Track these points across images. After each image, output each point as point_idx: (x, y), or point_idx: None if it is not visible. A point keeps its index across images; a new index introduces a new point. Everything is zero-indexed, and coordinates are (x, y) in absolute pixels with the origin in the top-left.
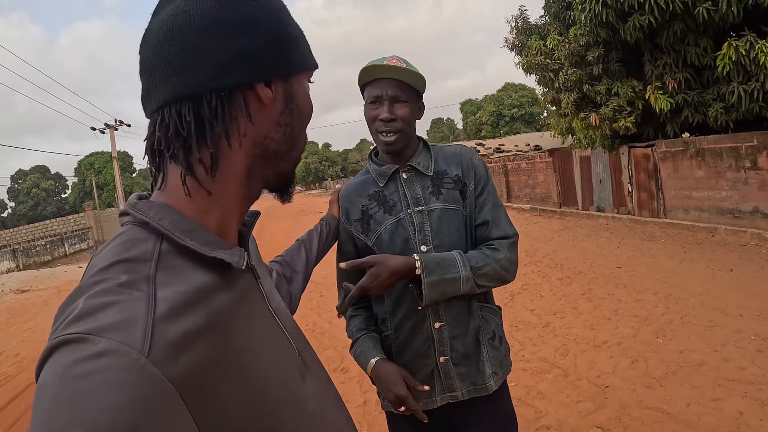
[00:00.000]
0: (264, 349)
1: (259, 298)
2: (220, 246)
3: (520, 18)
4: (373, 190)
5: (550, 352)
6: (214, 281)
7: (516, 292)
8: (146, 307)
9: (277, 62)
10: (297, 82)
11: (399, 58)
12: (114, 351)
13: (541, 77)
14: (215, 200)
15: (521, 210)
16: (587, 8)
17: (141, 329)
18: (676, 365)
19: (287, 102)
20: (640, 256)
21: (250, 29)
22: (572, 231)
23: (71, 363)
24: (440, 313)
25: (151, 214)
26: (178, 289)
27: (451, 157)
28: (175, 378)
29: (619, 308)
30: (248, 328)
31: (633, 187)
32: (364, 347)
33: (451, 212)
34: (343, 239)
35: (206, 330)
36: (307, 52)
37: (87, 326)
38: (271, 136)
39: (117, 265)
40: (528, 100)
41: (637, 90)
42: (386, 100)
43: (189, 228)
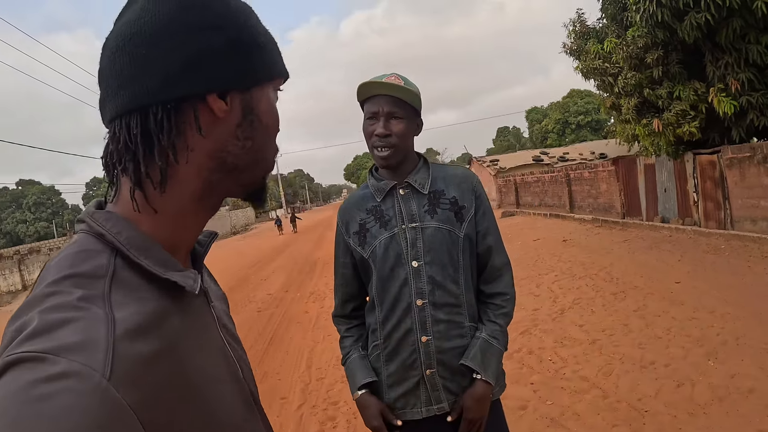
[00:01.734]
0: (216, 375)
1: (211, 322)
2: (173, 267)
3: (578, 22)
4: (371, 205)
5: (592, 371)
6: (168, 303)
7: (567, 307)
8: (105, 328)
9: (233, 73)
10: (259, 92)
11: (398, 76)
12: (75, 373)
13: (600, 82)
14: (167, 216)
15: (583, 221)
16: (642, 8)
17: (102, 351)
18: (725, 391)
19: (246, 114)
20: (701, 271)
21: (202, 39)
22: (633, 243)
23: (29, 383)
24: (428, 327)
25: (108, 227)
26: (134, 309)
27: (450, 179)
28: (134, 402)
29: (672, 327)
30: (202, 353)
31: (699, 197)
32: (352, 368)
33: (444, 231)
34: (342, 250)
35: (162, 353)
36: (274, 60)
37: (45, 344)
38: (228, 150)
39: (71, 278)
40: (594, 106)
41: (700, 93)
42: (382, 116)
43: (144, 245)
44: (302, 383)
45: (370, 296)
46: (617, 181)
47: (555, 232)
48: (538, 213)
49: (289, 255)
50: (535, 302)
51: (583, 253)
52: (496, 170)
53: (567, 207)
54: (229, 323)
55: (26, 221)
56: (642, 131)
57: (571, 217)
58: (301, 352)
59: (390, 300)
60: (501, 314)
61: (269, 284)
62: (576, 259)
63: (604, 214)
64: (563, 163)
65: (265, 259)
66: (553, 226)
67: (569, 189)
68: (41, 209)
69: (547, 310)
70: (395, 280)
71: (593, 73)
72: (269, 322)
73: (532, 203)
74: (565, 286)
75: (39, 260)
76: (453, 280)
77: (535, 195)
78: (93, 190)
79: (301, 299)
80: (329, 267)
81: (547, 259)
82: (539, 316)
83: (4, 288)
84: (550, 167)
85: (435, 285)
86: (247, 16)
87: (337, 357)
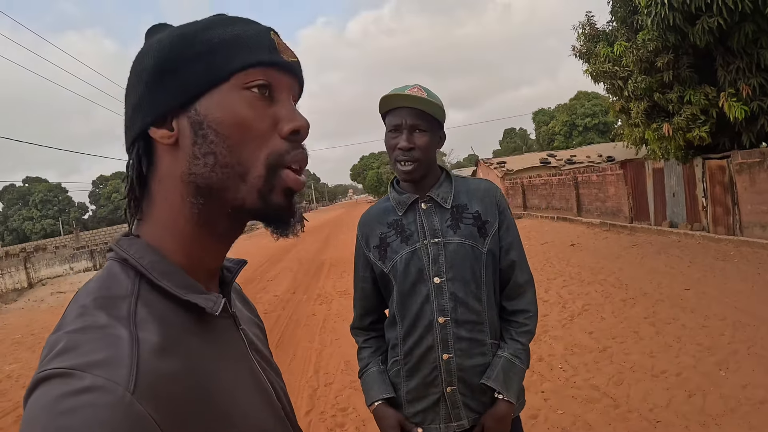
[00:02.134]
0: (242, 395)
1: (239, 345)
2: (195, 290)
3: (587, 24)
4: (392, 218)
5: (603, 380)
6: (191, 324)
7: (576, 313)
8: (129, 346)
9: (156, 100)
10: (209, 101)
11: (420, 88)
12: (100, 387)
13: (609, 86)
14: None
15: (591, 225)
16: (653, 12)
17: (126, 367)
18: (736, 402)
19: (195, 130)
20: (711, 277)
21: (134, 84)
22: (642, 248)
23: (57, 397)
24: (449, 344)
25: (132, 252)
26: (157, 329)
27: (473, 193)
28: (157, 416)
29: (683, 335)
30: (226, 374)
31: (708, 202)
32: (369, 382)
33: (467, 247)
34: (361, 264)
35: (184, 371)
36: (223, 58)
37: (72, 361)
38: (194, 172)
39: (97, 300)
40: (601, 109)
41: (710, 97)
42: (405, 128)
43: (166, 269)
44: (310, 388)
45: (391, 311)
46: (625, 185)
47: (563, 236)
48: (546, 216)
49: (295, 256)
50: (545, 308)
51: (592, 258)
52: (504, 172)
53: (574, 210)
54: (262, 347)
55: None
56: (651, 135)
57: (579, 221)
58: (308, 356)
59: (411, 316)
60: (523, 332)
61: (275, 285)
62: (584, 263)
63: (612, 218)
64: (570, 165)
65: (271, 260)
66: (560, 229)
67: (577, 192)
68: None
69: (557, 317)
70: (417, 297)
71: (603, 76)
72: (276, 325)
73: (540, 206)
74: (574, 291)
75: (45, 258)
76: (475, 297)
77: (542, 198)
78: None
79: (308, 301)
80: (336, 268)
81: (556, 264)
82: (549, 323)
83: (10, 286)
84: (557, 170)
85: (457, 302)
86: (177, 39)
87: (345, 361)
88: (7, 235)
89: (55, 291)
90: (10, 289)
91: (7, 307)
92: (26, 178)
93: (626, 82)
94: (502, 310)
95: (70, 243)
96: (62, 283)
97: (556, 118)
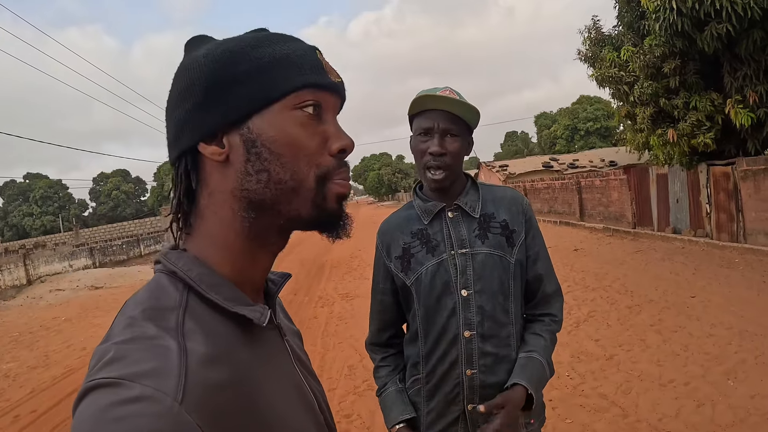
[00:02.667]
0: (288, 406)
1: (285, 356)
2: (242, 302)
3: (593, 28)
4: (416, 228)
5: (611, 389)
6: (239, 336)
7: (582, 320)
8: (178, 356)
9: (211, 116)
10: (261, 120)
11: (452, 90)
12: (149, 397)
13: (615, 91)
14: (225, 255)
15: (594, 230)
16: (662, 17)
17: (174, 377)
18: (745, 412)
19: (249, 147)
20: (716, 285)
21: (184, 96)
22: (646, 254)
23: (107, 406)
24: (474, 360)
25: (180, 265)
26: (205, 340)
27: (500, 201)
28: (205, 426)
29: (690, 343)
30: (273, 385)
31: (711, 208)
32: (389, 403)
33: (495, 258)
34: (381, 275)
35: (233, 382)
36: (277, 78)
37: (121, 371)
38: (247, 188)
39: (146, 311)
40: (604, 113)
41: (716, 104)
42: (437, 132)
43: (214, 282)
44: None
45: (412, 327)
46: (629, 190)
47: (566, 241)
48: (548, 220)
49: (296, 257)
50: None
51: (596, 264)
52: (506, 176)
53: (577, 215)
54: (304, 357)
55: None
56: (656, 141)
57: (582, 226)
58: (311, 359)
59: (436, 332)
60: (548, 330)
61: None
62: (589, 269)
63: (615, 223)
64: (573, 170)
65: None
66: (563, 234)
67: (580, 197)
68: (48, 203)
69: (563, 323)
70: (443, 311)
71: (608, 81)
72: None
73: (542, 210)
74: (579, 297)
75: (44, 255)
76: (503, 309)
77: (544, 202)
78: (100, 185)
79: (310, 303)
80: (337, 270)
81: (560, 269)
82: None
83: (9, 282)
84: (560, 174)
85: (484, 315)
86: (228, 56)
87: (348, 366)
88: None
89: (54, 288)
90: (8, 285)
91: (6, 304)
92: (27, 174)
93: (632, 88)
94: (530, 314)
95: (69, 240)
96: (61, 280)
97: (558, 122)
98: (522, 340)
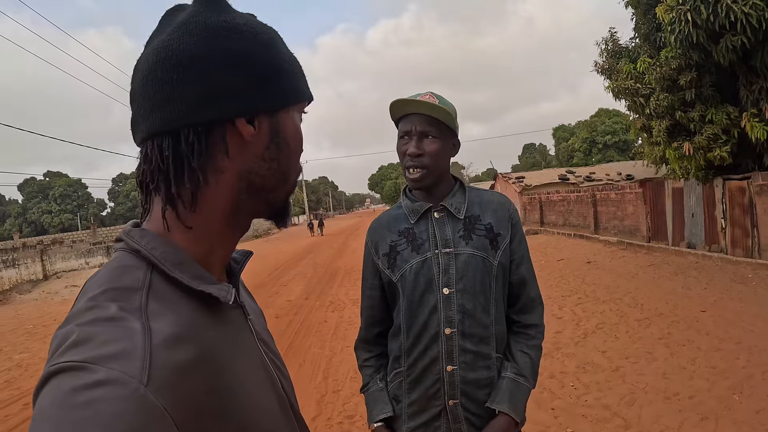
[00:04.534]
0: (254, 385)
1: (248, 334)
2: (208, 280)
3: (610, 40)
4: (403, 227)
5: (615, 400)
6: (204, 315)
7: (590, 331)
8: (142, 338)
9: (261, 97)
10: (285, 115)
11: (432, 94)
12: (114, 380)
13: (631, 103)
14: (198, 233)
15: (608, 243)
16: (677, 29)
17: (139, 359)
18: (750, 427)
19: (273, 136)
20: (728, 300)
21: (231, 64)
22: (659, 268)
23: (70, 391)
24: (454, 357)
25: (144, 243)
26: (170, 320)
27: (487, 205)
28: (171, 407)
29: (697, 357)
30: (239, 363)
31: (726, 223)
32: (370, 402)
33: (478, 259)
34: (370, 271)
35: (199, 362)
36: (299, 84)
37: (85, 354)
38: (256, 171)
39: (108, 292)
40: (622, 126)
41: (732, 117)
42: (415, 135)
43: (178, 260)
44: (318, 394)
45: (396, 322)
46: (644, 204)
47: (579, 253)
48: (562, 232)
49: (310, 262)
50: (558, 324)
51: (608, 276)
52: (522, 187)
53: (592, 228)
54: (267, 338)
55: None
56: (672, 154)
57: (596, 239)
58: (318, 362)
59: (417, 327)
60: (533, 346)
61: (289, 290)
62: (600, 281)
63: (629, 236)
64: (589, 182)
65: (286, 265)
66: (577, 246)
67: (595, 210)
68: (67, 201)
69: (570, 334)
70: (424, 307)
71: (624, 93)
72: (287, 329)
73: (557, 222)
74: (588, 309)
75: (61, 251)
76: (484, 310)
77: (559, 214)
78: (119, 185)
79: (321, 308)
80: (350, 276)
81: (571, 281)
82: (562, 340)
83: (25, 276)
84: (576, 186)
85: (465, 314)
86: (274, 43)
87: (355, 369)
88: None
89: (70, 284)
90: (25, 280)
91: (21, 298)
92: (47, 172)
93: (648, 100)
94: (513, 323)
95: (87, 238)
96: (77, 276)
97: (576, 135)
98: (509, 352)
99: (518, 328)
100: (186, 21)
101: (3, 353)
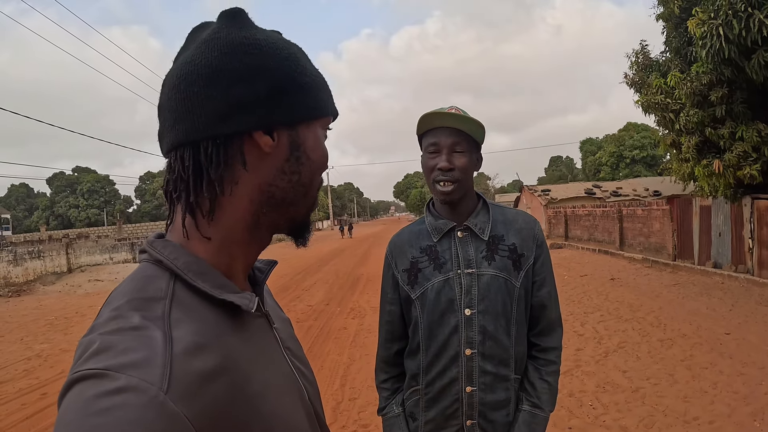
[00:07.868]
0: (278, 394)
1: (273, 343)
2: (230, 289)
3: (641, 53)
4: (426, 244)
5: (633, 421)
6: (226, 323)
7: (611, 350)
8: (163, 346)
9: (279, 111)
10: (306, 129)
11: (458, 109)
12: (134, 387)
13: (660, 118)
14: (219, 244)
15: (632, 260)
16: (708, 44)
17: (159, 367)
18: None
19: (293, 150)
20: (753, 323)
21: (249, 78)
22: (683, 288)
23: (92, 397)
24: (474, 378)
25: (166, 254)
26: (192, 329)
27: (511, 224)
28: (191, 416)
29: (719, 381)
30: (262, 372)
31: (754, 243)
32: (387, 426)
33: (500, 280)
34: (389, 284)
35: (220, 370)
36: (322, 99)
37: (106, 362)
38: (276, 184)
39: (132, 302)
40: (650, 141)
41: (763, 134)
42: (444, 148)
43: (201, 270)
44: (334, 401)
45: (414, 339)
46: (671, 221)
47: (603, 269)
48: (587, 247)
49: (332, 268)
50: (579, 342)
51: (631, 294)
52: (547, 200)
53: (617, 244)
54: (293, 346)
55: (78, 206)
56: (701, 171)
57: (621, 255)
58: (336, 368)
59: (437, 347)
60: (552, 371)
61: (310, 296)
62: (624, 299)
63: (654, 254)
64: (616, 198)
65: (308, 270)
66: (601, 262)
67: (620, 225)
68: (94, 196)
69: (591, 352)
70: (445, 327)
71: (654, 108)
72: (307, 334)
73: (581, 237)
74: (610, 327)
75: (86, 246)
76: (505, 332)
77: (584, 229)
78: (146, 183)
79: (341, 314)
80: (372, 284)
81: (594, 297)
82: (582, 357)
83: (50, 269)
84: (602, 201)
85: (486, 335)
86: (294, 58)
87: (373, 378)
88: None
89: (93, 278)
90: (49, 271)
91: (45, 289)
92: (76, 167)
93: (678, 115)
94: (532, 346)
95: (112, 234)
96: (101, 271)
97: (604, 149)
98: (527, 379)
99: (536, 352)
100: (209, 38)
101: (23, 343)
